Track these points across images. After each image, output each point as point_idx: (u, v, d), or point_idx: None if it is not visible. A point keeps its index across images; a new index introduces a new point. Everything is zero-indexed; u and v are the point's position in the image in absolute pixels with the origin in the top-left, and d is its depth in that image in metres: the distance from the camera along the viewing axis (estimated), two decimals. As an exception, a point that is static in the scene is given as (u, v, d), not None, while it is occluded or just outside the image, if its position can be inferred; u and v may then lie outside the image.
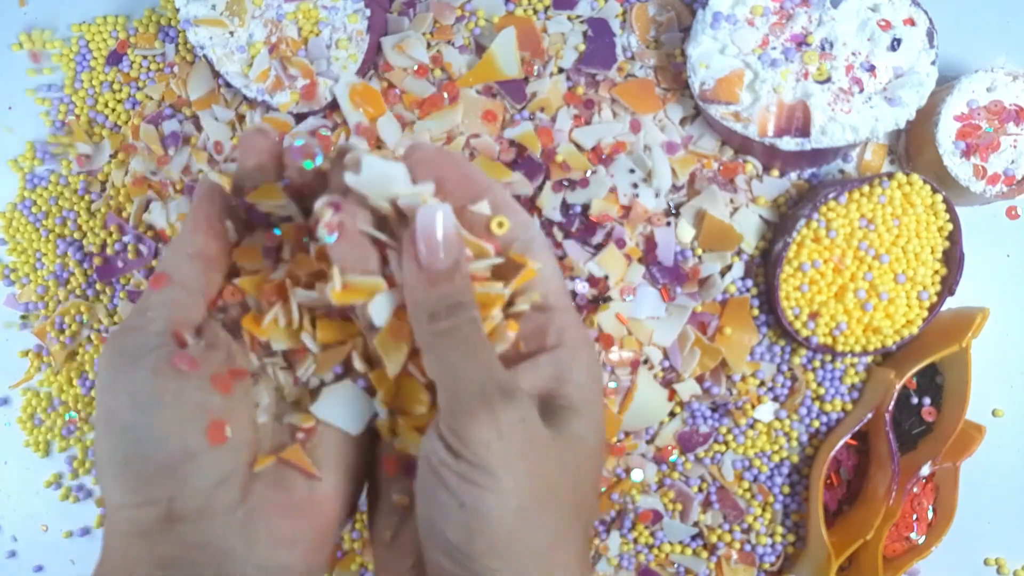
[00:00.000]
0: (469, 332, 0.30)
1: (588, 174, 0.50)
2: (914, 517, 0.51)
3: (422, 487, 0.30)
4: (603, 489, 0.51)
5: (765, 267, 0.51)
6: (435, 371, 0.30)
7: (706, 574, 0.51)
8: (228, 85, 0.52)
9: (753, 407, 0.51)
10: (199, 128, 0.54)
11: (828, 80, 0.47)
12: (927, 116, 0.48)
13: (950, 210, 0.47)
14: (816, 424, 0.51)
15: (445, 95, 0.51)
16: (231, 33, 0.50)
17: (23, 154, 0.56)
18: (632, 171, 0.51)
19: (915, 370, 0.48)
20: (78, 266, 0.54)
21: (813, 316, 0.48)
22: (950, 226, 0.48)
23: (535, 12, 0.53)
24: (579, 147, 0.51)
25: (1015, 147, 0.48)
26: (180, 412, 0.30)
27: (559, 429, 0.31)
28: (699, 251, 0.51)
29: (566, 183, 0.50)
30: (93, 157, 0.55)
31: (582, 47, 0.52)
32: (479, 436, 0.28)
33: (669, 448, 0.51)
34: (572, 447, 0.31)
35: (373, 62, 0.52)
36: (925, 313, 0.48)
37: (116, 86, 0.55)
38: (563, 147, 0.51)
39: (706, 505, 0.51)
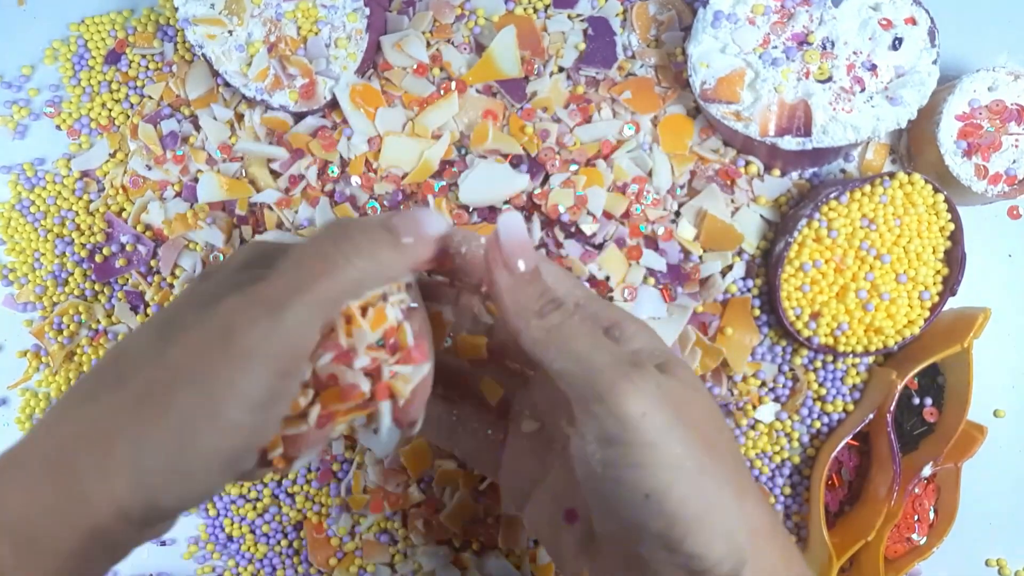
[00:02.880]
0: (579, 321, 0.30)
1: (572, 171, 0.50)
2: (915, 518, 0.51)
3: (595, 496, 0.30)
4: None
5: (766, 267, 0.51)
6: (561, 365, 0.29)
7: (707, 575, 0.51)
8: (227, 84, 0.51)
9: (754, 407, 0.51)
10: (198, 127, 0.54)
11: (829, 79, 0.47)
12: (928, 115, 0.48)
13: (952, 210, 0.47)
14: (817, 425, 0.51)
15: (442, 92, 0.51)
16: (230, 32, 0.50)
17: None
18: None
19: (917, 370, 0.48)
20: (76, 266, 0.54)
21: (814, 316, 0.48)
22: (952, 226, 0.47)
23: (535, 11, 0.53)
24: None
25: (1017, 147, 0.48)
26: None
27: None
28: (700, 251, 0.51)
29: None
30: (91, 157, 0.54)
31: (582, 46, 0.52)
32: (634, 411, 0.28)
33: (670, 449, 0.51)
34: (694, 394, 0.31)
35: (372, 61, 0.52)
36: (927, 313, 0.48)
37: (115, 85, 0.55)
38: (565, 144, 0.51)
39: (707, 506, 0.51)
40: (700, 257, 0.51)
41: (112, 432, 0.27)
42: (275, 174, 0.52)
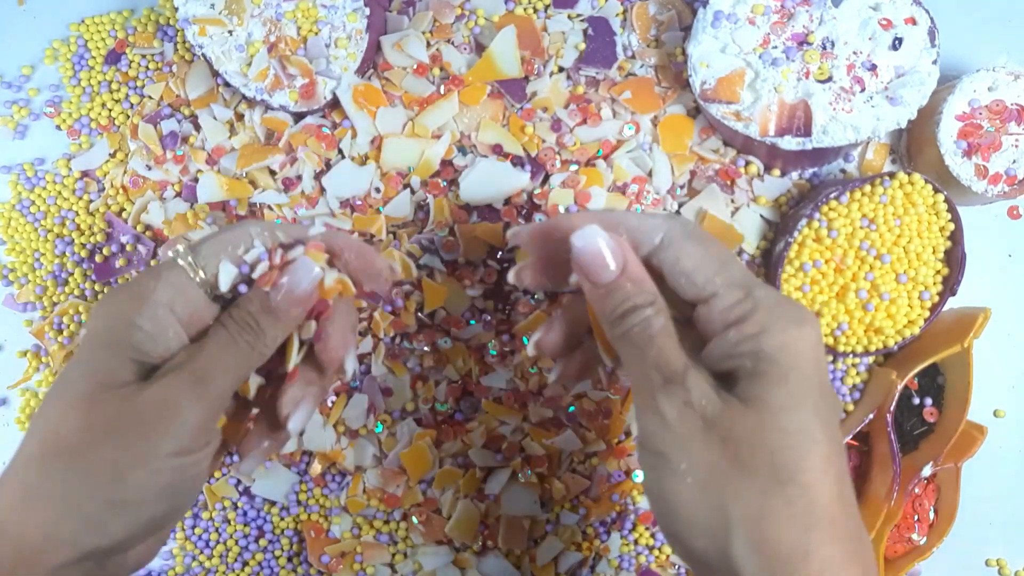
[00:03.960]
0: (638, 332, 0.33)
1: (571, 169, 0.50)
2: (915, 518, 0.51)
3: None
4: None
5: (766, 267, 0.51)
6: (625, 364, 0.34)
7: (707, 575, 0.51)
8: (227, 84, 0.51)
9: (754, 407, 0.50)
10: (198, 127, 0.54)
11: (829, 79, 0.47)
12: (928, 115, 0.48)
13: (952, 210, 0.47)
14: (817, 424, 0.51)
15: (443, 90, 0.51)
16: (230, 32, 0.50)
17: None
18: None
19: (917, 370, 0.48)
20: (76, 266, 0.54)
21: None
22: (952, 226, 0.47)
23: (535, 11, 0.53)
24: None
25: (1016, 147, 0.48)
26: None
27: (745, 398, 0.31)
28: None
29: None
30: (91, 157, 0.54)
31: (582, 46, 0.52)
32: (647, 426, 0.32)
33: (670, 449, 0.51)
34: (760, 413, 0.31)
35: (372, 61, 0.52)
36: (927, 313, 0.48)
37: (115, 85, 0.55)
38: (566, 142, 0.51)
39: (707, 506, 0.51)
40: (700, 257, 0.51)
41: (49, 489, 0.32)
42: (275, 173, 0.52)
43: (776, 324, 0.32)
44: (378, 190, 0.51)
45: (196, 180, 0.53)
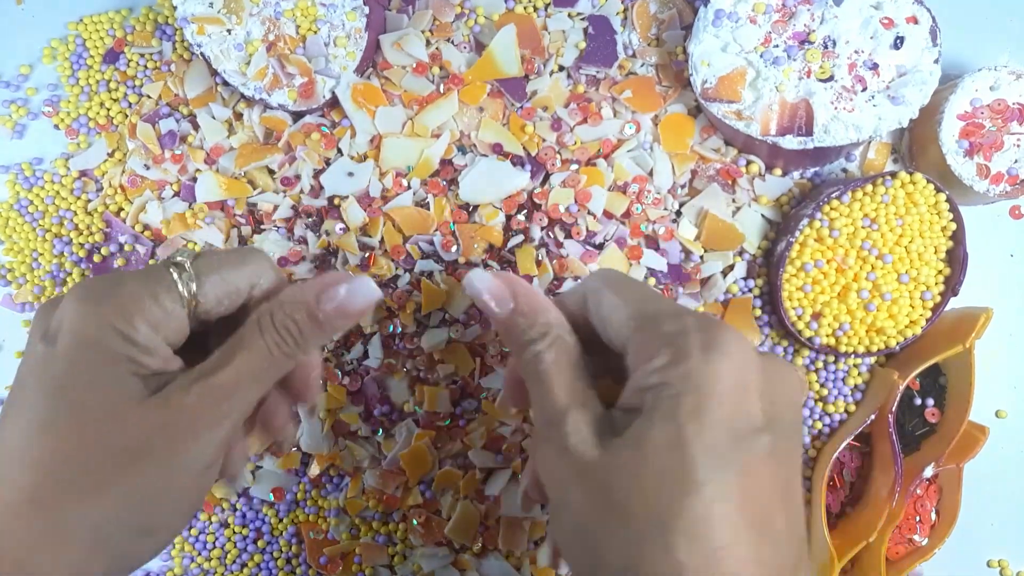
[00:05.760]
0: (531, 369, 0.33)
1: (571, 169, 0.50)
2: (917, 519, 0.51)
3: None
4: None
5: (768, 267, 0.51)
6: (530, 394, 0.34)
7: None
8: (225, 83, 0.51)
9: (755, 408, 0.50)
10: (196, 127, 0.53)
11: (831, 78, 0.46)
12: (930, 115, 0.48)
13: (954, 209, 0.47)
14: (819, 425, 0.51)
15: (443, 89, 0.51)
16: (228, 31, 0.49)
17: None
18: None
19: (918, 371, 0.48)
20: (75, 266, 0.54)
21: (816, 316, 0.48)
22: (954, 225, 0.47)
23: (535, 9, 0.53)
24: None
25: (1018, 146, 0.48)
26: None
27: (634, 438, 0.29)
28: (701, 251, 0.51)
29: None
30: (89, 156, 0.54)
31: (583, 45, 0.51)
32: (536, 460, 0.32)
33: (670, 449, 0.50)
34: (639, 453, 0.28)
35: (371, 60, 0.52)
36: (928, 313, 0.48)
37: (113, 85, 0.55)
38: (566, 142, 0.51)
39: (708, 507, 0.51)
40: (701, 257, 0.51)
41: (75, 524, 0.30)
42: (274, 173, 0.52)
43: (682, 354, 0.29)
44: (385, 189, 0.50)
45: (194, 180, 0.52)
